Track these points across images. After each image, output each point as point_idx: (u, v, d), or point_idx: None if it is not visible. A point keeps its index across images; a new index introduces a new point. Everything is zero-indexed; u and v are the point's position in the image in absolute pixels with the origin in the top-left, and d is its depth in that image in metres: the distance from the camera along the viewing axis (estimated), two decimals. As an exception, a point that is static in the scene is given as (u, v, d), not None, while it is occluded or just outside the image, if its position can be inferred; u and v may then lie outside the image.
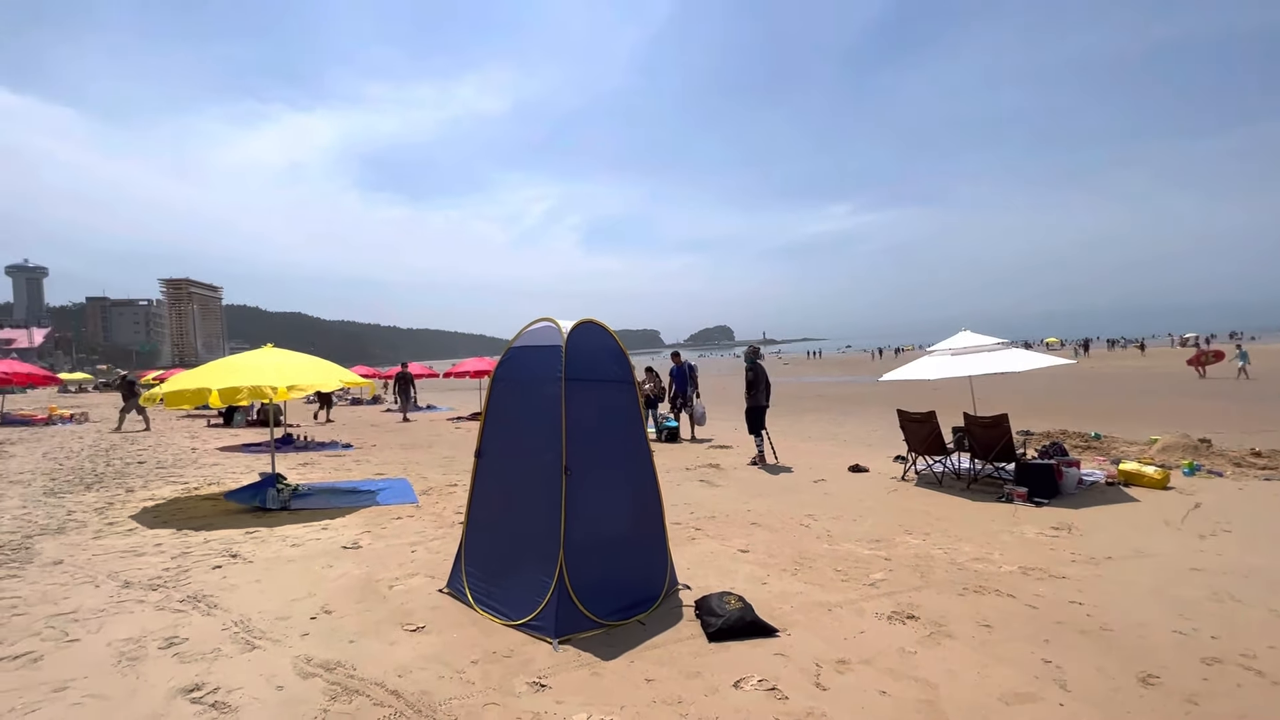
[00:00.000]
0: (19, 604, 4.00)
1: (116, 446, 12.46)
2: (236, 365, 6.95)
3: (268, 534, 5.71)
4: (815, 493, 7.42)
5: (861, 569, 4.67)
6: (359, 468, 9.94)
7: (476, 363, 20.17)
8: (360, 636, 3.54)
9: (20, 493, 7.60)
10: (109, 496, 7.44)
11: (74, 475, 8.92)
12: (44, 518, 6.31)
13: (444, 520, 6.28)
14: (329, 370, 7.32)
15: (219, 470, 9.54)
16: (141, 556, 5.03)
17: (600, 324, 4.19)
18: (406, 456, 11.16)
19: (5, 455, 11.13)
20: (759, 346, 10.07)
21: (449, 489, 7.99)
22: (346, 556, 5.05)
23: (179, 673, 3.11)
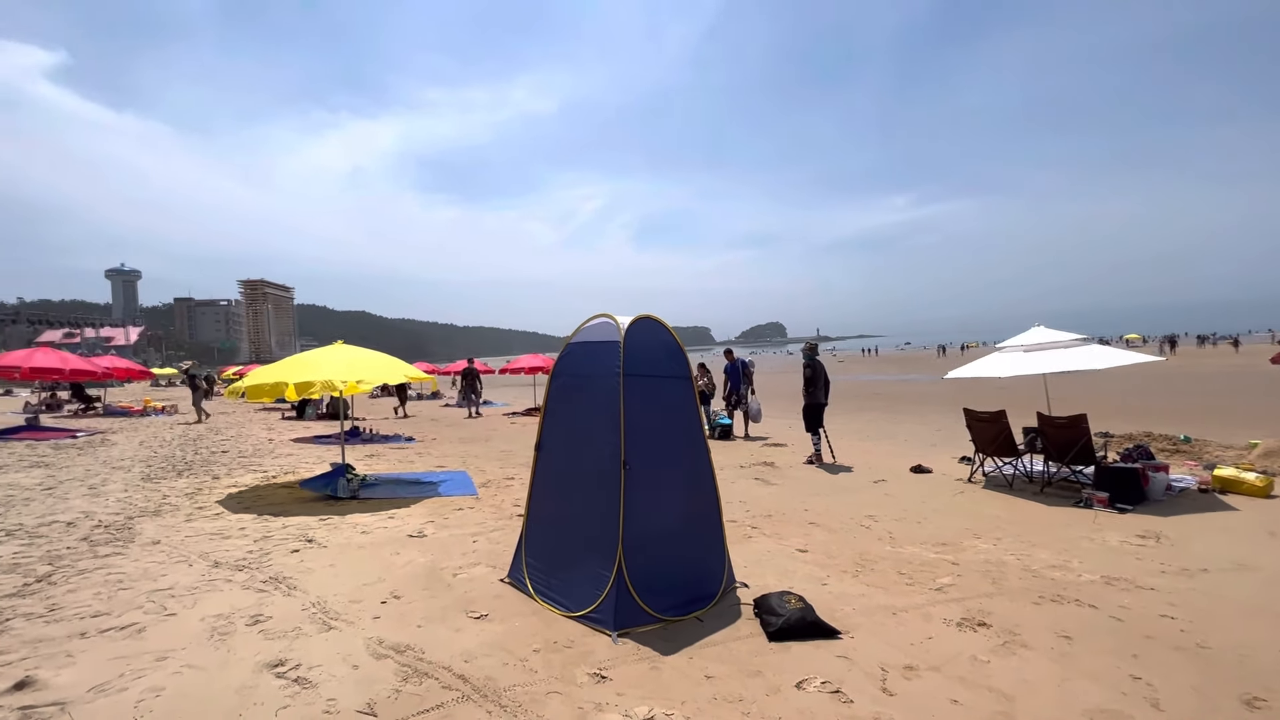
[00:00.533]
0: (124, 579, 4.35)
1: (203, 437, 13.37)
2: (309, 361, 7.33)
3: (339, 521, 6.00)
4: (875, 493, 7.20)
5: (927, 573, 4.50)
6: (421, 460, 10.31)
7: (531, 359, 20.57)
8: (427, 622, 3.67)
9: (122, 478, 8.26)
10: (198, 483, 7.99)
11: (167, 463, 9.62)
12: (142, 501, 6.84)
13: (503, 512, 6.43)
14: (394, 366, 7.62)
15: (293, 460, 10.09)
16: (228, 539, 5.38)
17: (657, 319, 4.19)
18: (465, 450, 11.50)
19: (108, 443, 12.12)
20: (817, 343, 9.84)
21: (506, 482, 8.18)
22: (412, 545, 5.25)
23: (264, 648, 3.31)
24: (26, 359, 13.47)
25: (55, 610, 3.81)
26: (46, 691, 2.86)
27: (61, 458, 10.07)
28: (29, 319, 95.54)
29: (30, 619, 3.67)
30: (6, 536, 5.39)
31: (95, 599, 3.99)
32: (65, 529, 5.65)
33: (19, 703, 2.76)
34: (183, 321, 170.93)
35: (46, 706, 2.73)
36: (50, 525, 5.76)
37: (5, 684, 2.91)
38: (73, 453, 10.70)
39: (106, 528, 5.71)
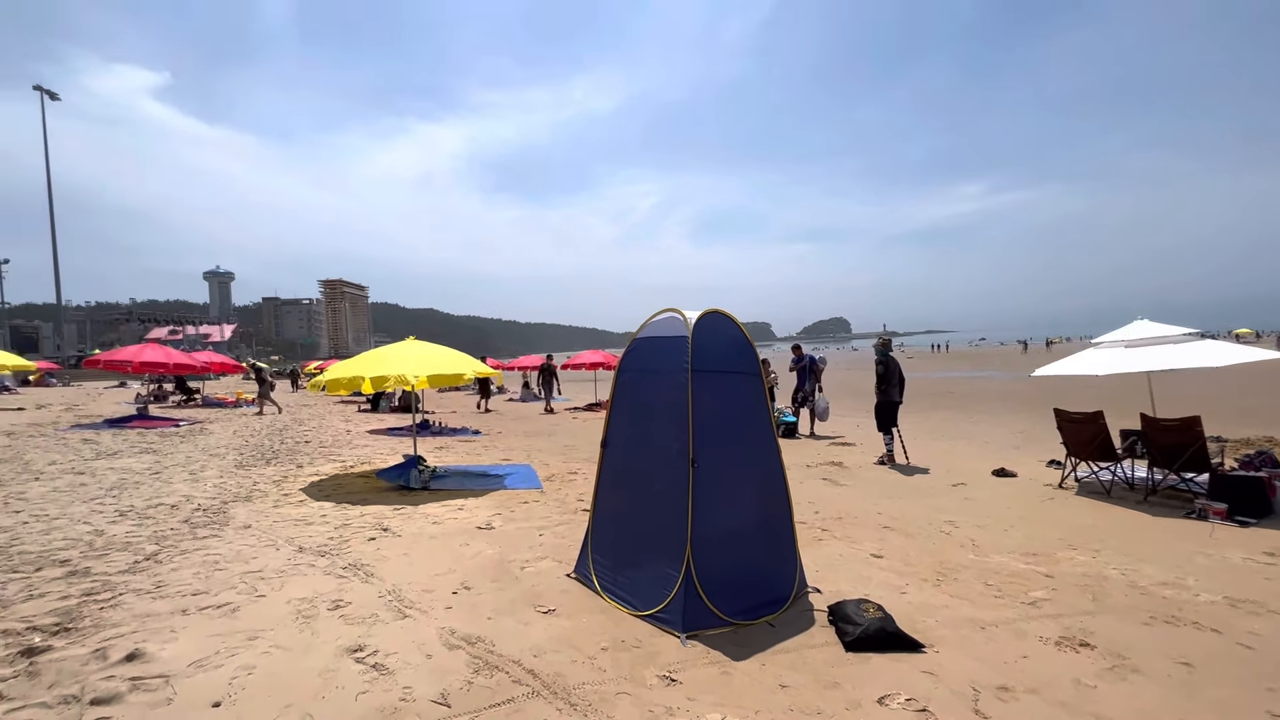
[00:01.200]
0: (219, 560, 4.63)
1: (288, 428, 14.21)
2: (385, 356, 7.62)
3: (412, 511, 6.20)
4: (954, 497, 6.81)
5: (1017, 585, 4.19)
6: (487, 453, 10.57)
7: (592, 355, 20.75)
8: (497, 614, 3.71)
9: (218, 465, 8.87)
10: (284, 471, 8.48)
11: (256, 451, 10.27)
12: (235, 486, 7.31)
13: (567, 506, 6.48)
14: (464, 361, 7.81)
15: (369, 451, 10.56)
16: (310, 525, 5.65)
17: (726, 314, 4.07)
18: (529, 444, 11.71)
19: (206, 432, 13.07)
20: (889, 339, 9.41)
21: (570, 476, 8.25)
22: (481, 536, 5.35)
23: (345, 633, 3.43)
24: (137, 354, 14.73)
25: (161, 587, 4.09)
26: (153, 664, 3.06)
27: (166, 445, 10.93)
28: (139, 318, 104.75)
29: (140, 595, 3.96)
30: (120, 517, 5.86)
31: (195, 578, 4.26)
32: (169, 511, 6.10)
33: (129, 673, 2.96)
34: (270, 319, 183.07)
35: (153, 678, 2.92)
36: (157, 507, 6.23)
37: (118, 655, 3.13)
38: (176, 440, 11.60)
39: (205, 511, 6.12)
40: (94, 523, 5.63)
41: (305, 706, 2.70)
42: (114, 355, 14.97)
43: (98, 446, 10.56)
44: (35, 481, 7.51)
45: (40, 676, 2.93)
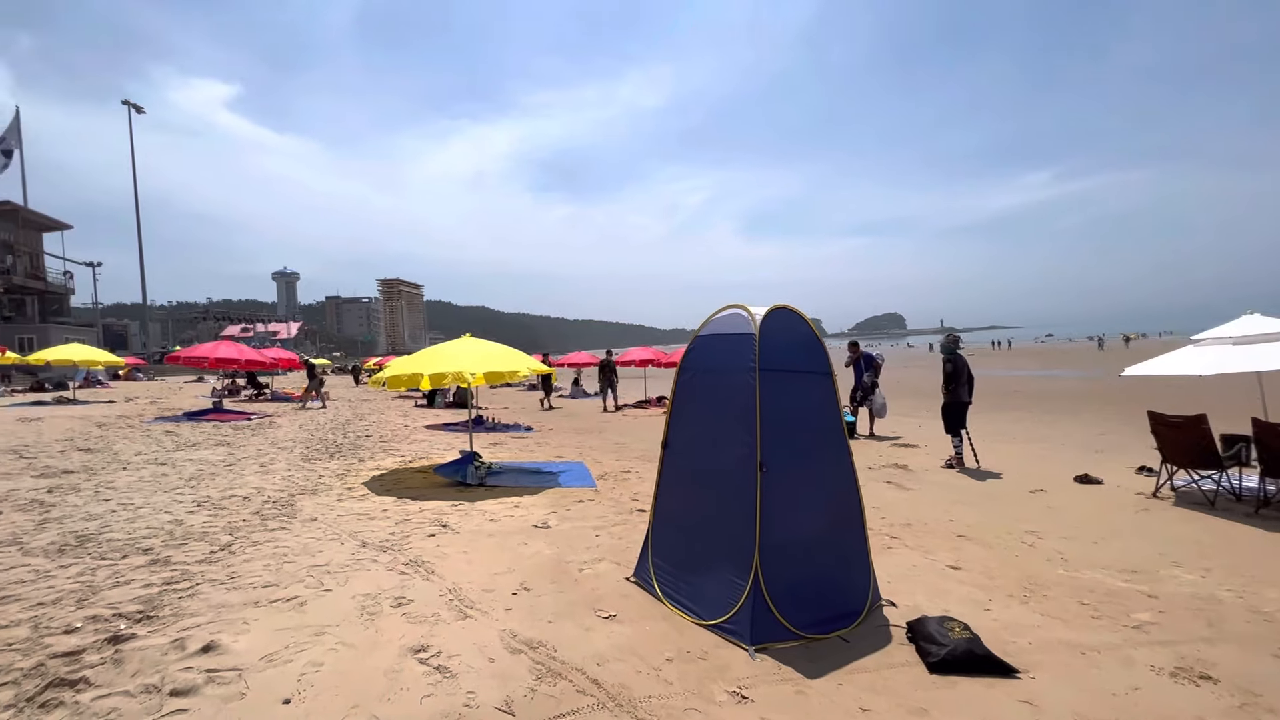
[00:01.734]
0: (288, 553, 4.75)
1: (349, 422, 14.70)
2: (443, 353, 7.71)
3: (469, 508, 6.24)
4: (1034, 505, 6.36)
5: (1116, 605, 3.83)
6: (540, 450, 10.62)
7: (641, 352, 20.67)
8: (557, 618, 3.64)
9: (285, 458, 9.21)
10: (346, 465, 8.72)
11: (321, 445, 10.63)
12: (302, 479, 7.55)
13: (622, 506, 6.38)
14: (519, 358, 7.83)
15: (426, 446, 10.77)
16: (373, 520, 5.75)
17: (794, 310, 3.87)
18: (581, 441, 11.71)
19: (275, 426, 13.66)
20: (958, 335, 8.92)
21: (623, 475, 8.17)
22: (538, 535, 5.31)
23: (408, 632, 3.42)
24: (213, 350, 15.55)
25: (234, 579, 4.21)
26: (227, 656, 3.11)
27: (239, 438, 11.46)
28: (214, 316, 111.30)
29: (215, 585, 4.08)
30: (197, 507, 6.12)
31: (265, 570, 4.37)
32: (242, 502, 6.33)
33: (205, 665, 3.02)
34: (332, 317, 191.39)
35: (227, 671, 2.97)
36: (230, 498, 6.48)
37: (195, 645, 3.20)
38: (248, 433, 12.16)
39: (274, 503, 6.32)
40: (174, 512, 5.90)
41: (372, 708, 2.68)
42: (192, 351, 15.85)
43: (178, 438, 11.17)
44: (123, 471, 7.97)
45: (124, 665, 3.02)
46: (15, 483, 7.24)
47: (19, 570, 4.37)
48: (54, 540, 5.02)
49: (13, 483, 7.24)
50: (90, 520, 5.58)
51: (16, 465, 8.24)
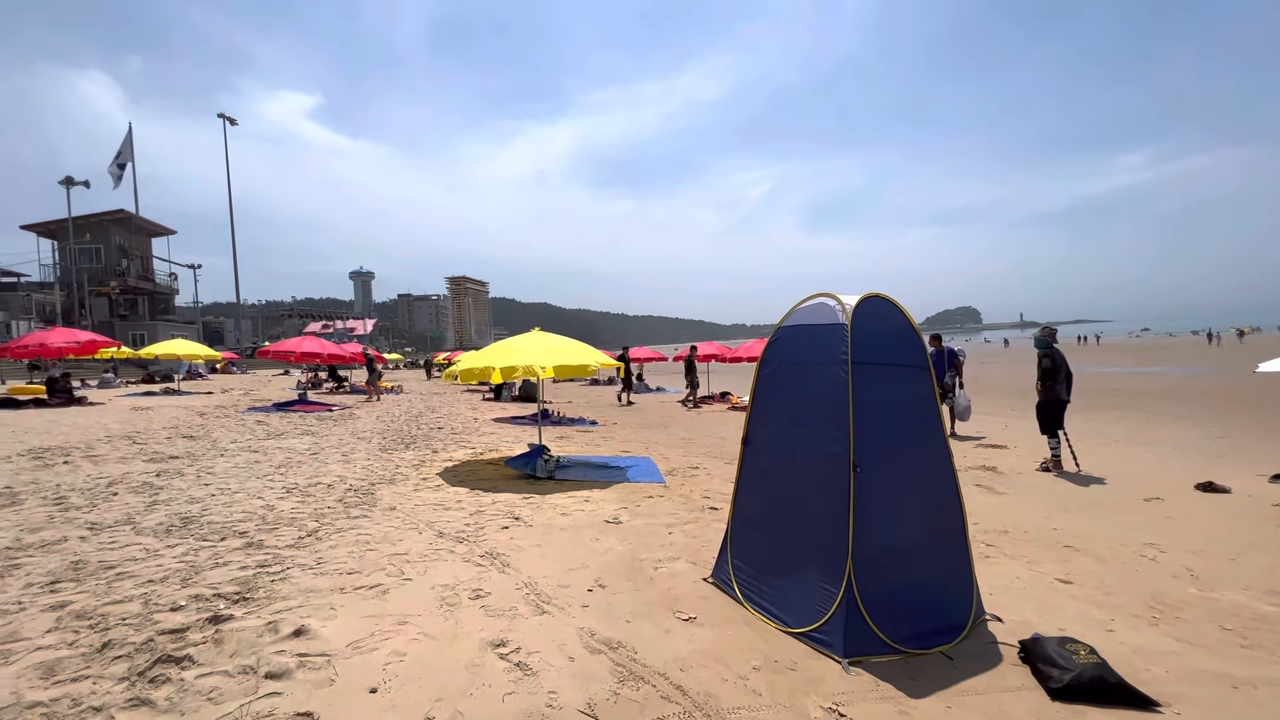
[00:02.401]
0: (370, 541, 4.87)
1: (422, 415, 15.21)
2: (513, 347, 7.78)
3: (541, 501, 6.25)
4: (1150, 514, 5.76)
5: (1268, 633, 3.36)
6: (606, 444, 10.61)
7: (705, 346, 20.41)
8: (635, 618, 3.53)
9: (365, 448, 9.58)
10: (421, 456, 8.98)
11: (397, 436, 11.02)
12: (380, 469, 7.81)
13: (693, 503, 6.23)
14: (588, 352, 7.80)
15: (496, 439, 10.97)
16: (448, 510, 5.84)
17: (889, 299, 3.59)
18: (646, 436, 11.63)
19: (354, 417, 14.31)
20: (1054, 329, 8.23)
21: (691, 471, 8.01)
22: (610, 531, 5.24)
23: (487, 625, 3.40)
24: (298, 345, 16.47)
25: (321, 564, 4.34)
26: (316, 641, 3.18)
27: (322, 428, 12.05)
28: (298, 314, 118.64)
29: (304, 570, 4.21)
30: (286, 493, 6.41)
31: (349, 557, 4.48)
32: (326, 490, 6.59)
33: (297, 649, 3.09)
34: (404, 314, 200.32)
35: (317, 656, 3.02)
36: (316, 485, 6.76)
37: (287, 629, 3.29)
38: (330, 424, 12.77)
39: (355, 491, 6.55)
40: (266, 498, 6.20)
41: (455, 702, 2.65)
42: (280, 346, 16.85)
43: (268, 427, 11.86)
44: (221, 458, 8.49)
45: (224, 645, 3.13)
46: (130, 466, 7.84)
47: (132, 549, 4.67)
48: (161, 521, 5.35)
49: (128, 466, 7.84)
50: (193, 503, 5.94)
51: (130, 450, 8.94)
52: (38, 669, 2.93)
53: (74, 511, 5.65)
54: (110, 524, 5.28)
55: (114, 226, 46.92)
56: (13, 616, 3.52)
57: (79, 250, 44.26)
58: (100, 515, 5.53)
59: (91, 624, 3.43)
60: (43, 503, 5.97)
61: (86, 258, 45.50)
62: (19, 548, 4.71)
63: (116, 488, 6.58)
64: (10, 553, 4.61)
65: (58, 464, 7.81)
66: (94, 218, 45.78)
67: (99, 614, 3.54)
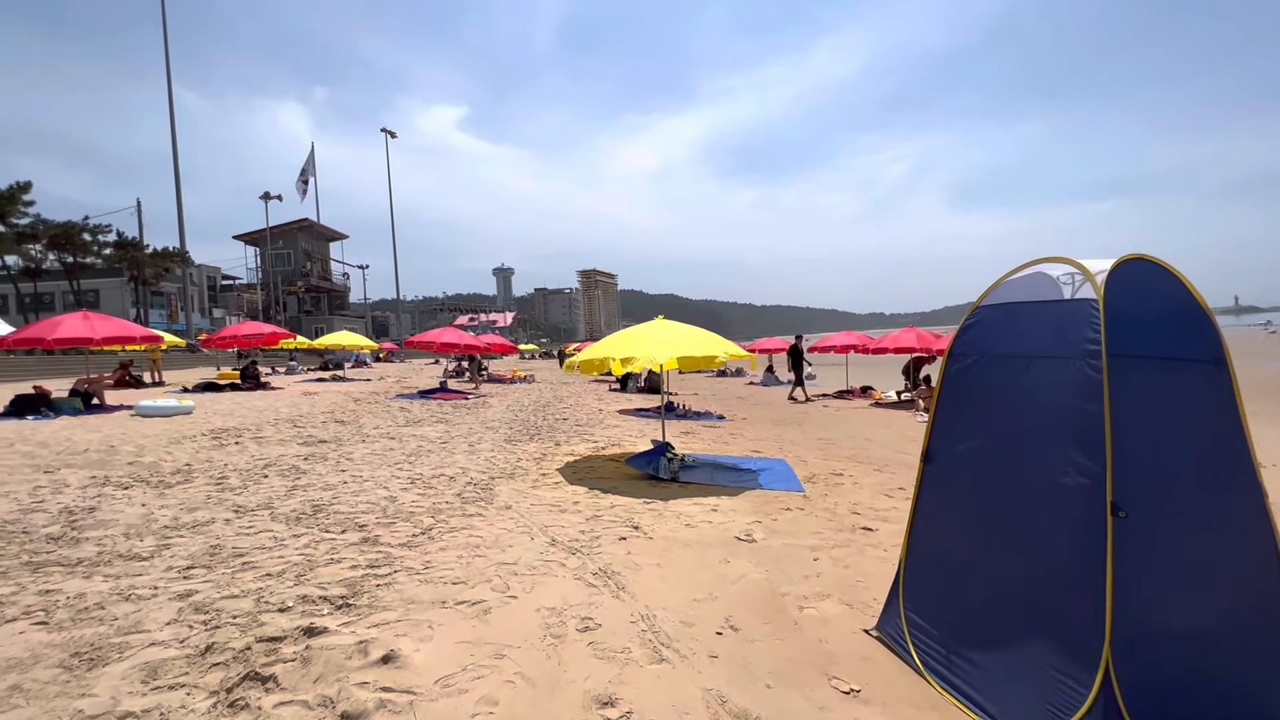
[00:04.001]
0: (480, 545, 4.53)
1: (550, 405, 15.35)
2: (633, 336, 7.25)
3: (663, 508, 5.62)
4: None
5: None
6: (734, 442, 9.80)
7: (844, 337, 18.75)
8: (778, 681, 2.75)
9: (490, 438, 9.61)
10: (544, 448, 8.78)
11: (523, 427, 11.03)
12: (502, 461, 7.66)
13: (841, 520, 5.27)
14: (714, 342, 7.06)
15: (619, 432, 10.59)
16: (564, 513, 5.41)
17: (1161, 263, 2.46)
18: (779, 434, 10.64)
19: (486, 406, 14.76)
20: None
21: (834, 478, 6.99)
22: (742, 551, 4.47)
23: (594, 672, 2.80)
24: (438, 336, 17.43)
25: (428, 569, 4.04)
26: (404, 673, 2.77)
27: (456, 416, 12.45)
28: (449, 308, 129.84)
29: (410, 575, 3.92)
30: (410, 484, 6.38)
31: (458, 562, 4.15)
32: (448, 482, 6.49)
33: (382, 682, 2.70)
34: (540, 307, 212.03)
35: (401, 694, 2.60)
36: (438, 478, 6.70)
37: (378, 653, 2.93)
38: (463, 412, 13.21)
39: (475, 485, 6.37)
40: (390, 488, 6.19)
41: (546, 791, 2.06)
42: (422, 337, 17.95)
43: (409, 414, 12.49)
44: (361, 443, 8.89)
45: (311, 665, 2.82)
46: (285, 449, 8.40)
47: (263, 535, 4.72)
48: (295, 508, 5.45)
49: (284, 448, 8.42)
50: (326, 490, 6.06)
51: (290, 433, 9.69)
52: (142, 670, 2.79)
53: (228, 493, 5.98)
54: (253, 507, 5.47)
55: (300, 234, 53.94)
56: (144, 604, 3.53)
57: (274, 255, 51.40)
58: (248, 498, 5.78)
59: (205, 619, 3.33)
60: (207, 482, 6.42)
61: (280, 261, 52.76)
62: (175, 526, 4.96)
63: (269, 470, 6.97)
64: (168, 531, 4.85)
65: (230, 445, 8.57)
66: (285, 227, 52.93)
67: (214, 608, 3.45)
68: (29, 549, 4.50)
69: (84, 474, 6.75)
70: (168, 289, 44.51)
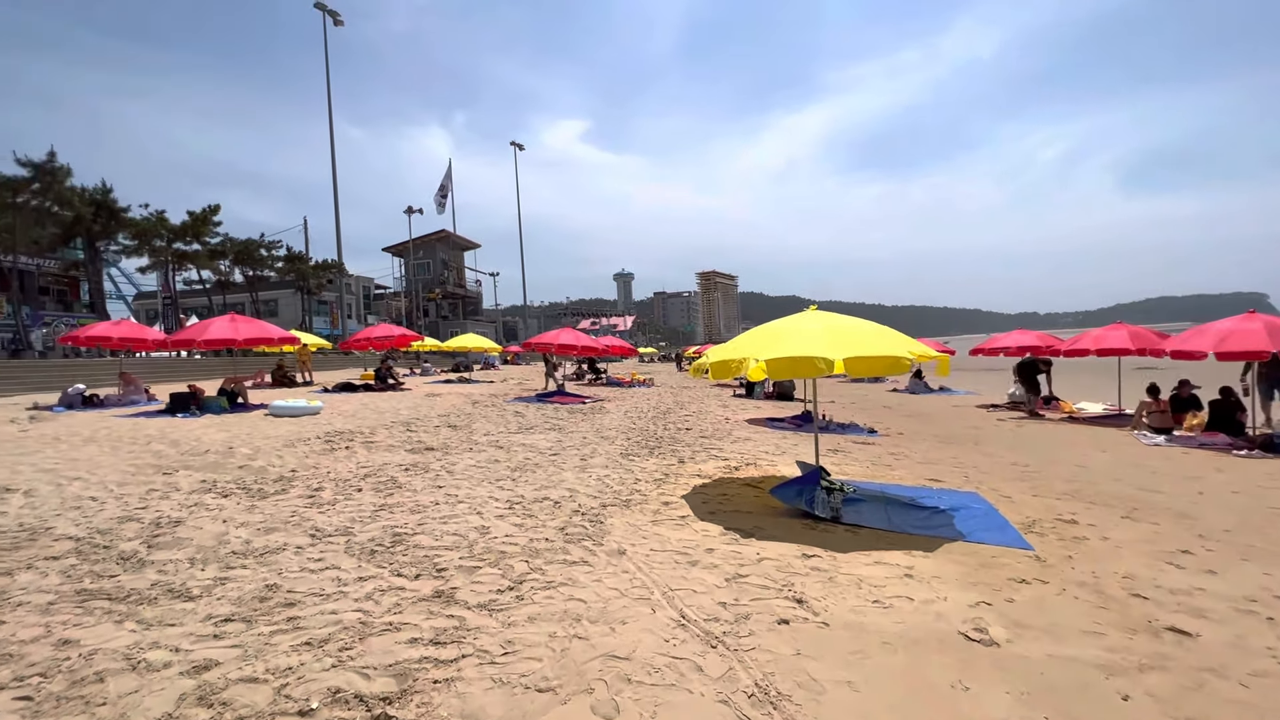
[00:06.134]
0: (582, 616, 3.27)
1: (670, 411, 14.09)
2: (779, 332, 5.70)
3: (832, 567, 4.05)
4: None
5: None
6: (900, 465, 7.87)
7: (1019, 336, 15.66)
8: None
9: (606, 450, 8.48)
10: (665, 465, 7.47)
11: (641, 437, 9.81)
12: (617, 482, 6.43)
13: (1120, 608, 3.39)
14: (892, 339, 5.34)
15: (752, 446, 9.03)
16: (694, 567, 4.02)
17: None
18: (954, 457, 8.51)
19: (604, 411, 13.80)
20: None
21: (1065, 527, 4.99)
22: (980, 663, 2.81)
23: None
24: (554, 338, 16.85)
25: (508, 655, 2.84)
26: None
27: (571, 423, 11.55)
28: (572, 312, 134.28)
29: (480, 668, 2.74)
30: (509, 509, 5.33)
31: (548, 649, 2.91)
32: (552, 509, 5.36)
33: None
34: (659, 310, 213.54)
35: None
36: (542, 502, 5.60)
37: None
38: (579, 418, 12.29)
39: (583, 515, 5.18)
40: (485, 514, 5.17)
41: None
42: (539, 338, 17.49)
43: (522, 419, 11.78)
44: (468, 452, 8.13)
45: None
46: (392, 455, 7.83)
47: (327, 575, 3.83)
48: (374, 536, 4.57)
49: (391, 455, 7.85)
50: (414, 513, 5.17)
51: (400, 437, 9.22)
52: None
53: (314, 510, 5.28)
54: (330, 532, 4.67)
55: (438, 244, 57.72)
56: (149, 678, 2.66)
57: (416, 265, 55.36)
58: (330, 518, 5.03)
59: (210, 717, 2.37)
60: (301, 493, 5.83)
61: (421, 270, 56.76)
62: (244, 553, 4.24)
63: (365, 482, 6.29)
64: (234, 559, 4.13)
65: (339, 449, 8.17)
66: (425, 238, 56.87)
67: (222, 700, 2.48)
68: (96, 570, 3.98)
69: (196, 478, 6.48)
70: (329, 298, 49.33)
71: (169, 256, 32.68)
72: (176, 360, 26.79)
